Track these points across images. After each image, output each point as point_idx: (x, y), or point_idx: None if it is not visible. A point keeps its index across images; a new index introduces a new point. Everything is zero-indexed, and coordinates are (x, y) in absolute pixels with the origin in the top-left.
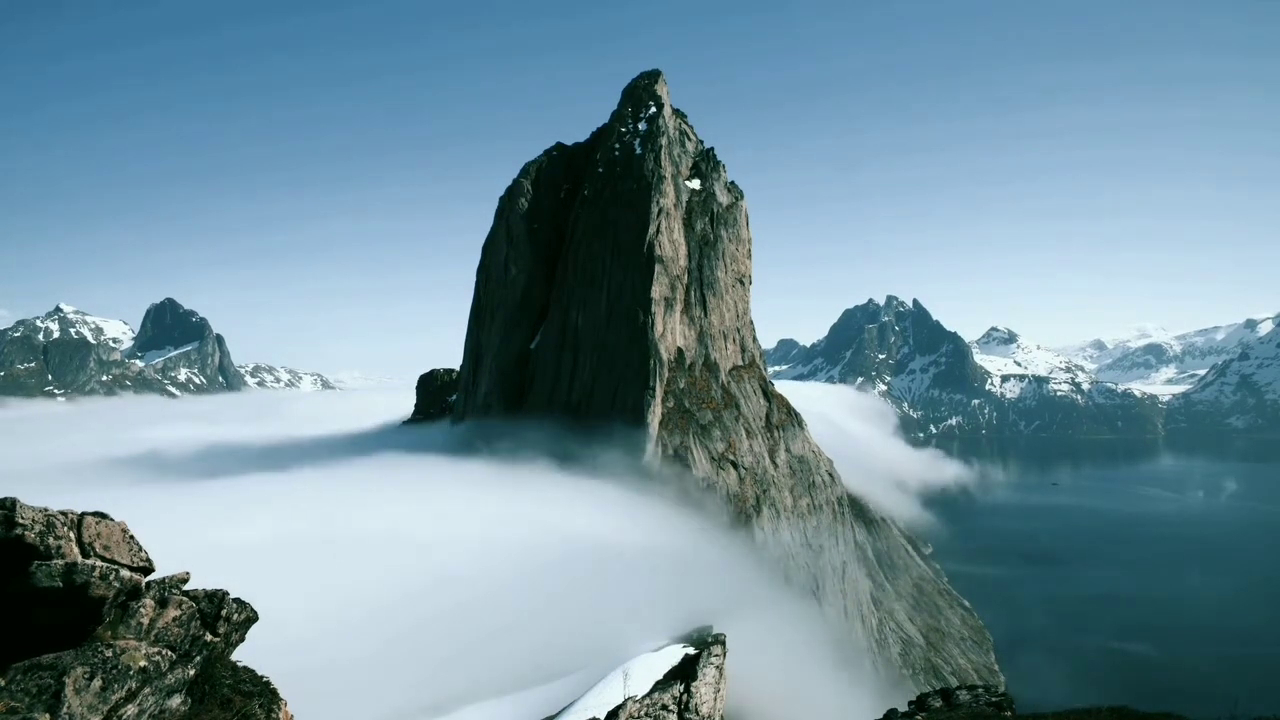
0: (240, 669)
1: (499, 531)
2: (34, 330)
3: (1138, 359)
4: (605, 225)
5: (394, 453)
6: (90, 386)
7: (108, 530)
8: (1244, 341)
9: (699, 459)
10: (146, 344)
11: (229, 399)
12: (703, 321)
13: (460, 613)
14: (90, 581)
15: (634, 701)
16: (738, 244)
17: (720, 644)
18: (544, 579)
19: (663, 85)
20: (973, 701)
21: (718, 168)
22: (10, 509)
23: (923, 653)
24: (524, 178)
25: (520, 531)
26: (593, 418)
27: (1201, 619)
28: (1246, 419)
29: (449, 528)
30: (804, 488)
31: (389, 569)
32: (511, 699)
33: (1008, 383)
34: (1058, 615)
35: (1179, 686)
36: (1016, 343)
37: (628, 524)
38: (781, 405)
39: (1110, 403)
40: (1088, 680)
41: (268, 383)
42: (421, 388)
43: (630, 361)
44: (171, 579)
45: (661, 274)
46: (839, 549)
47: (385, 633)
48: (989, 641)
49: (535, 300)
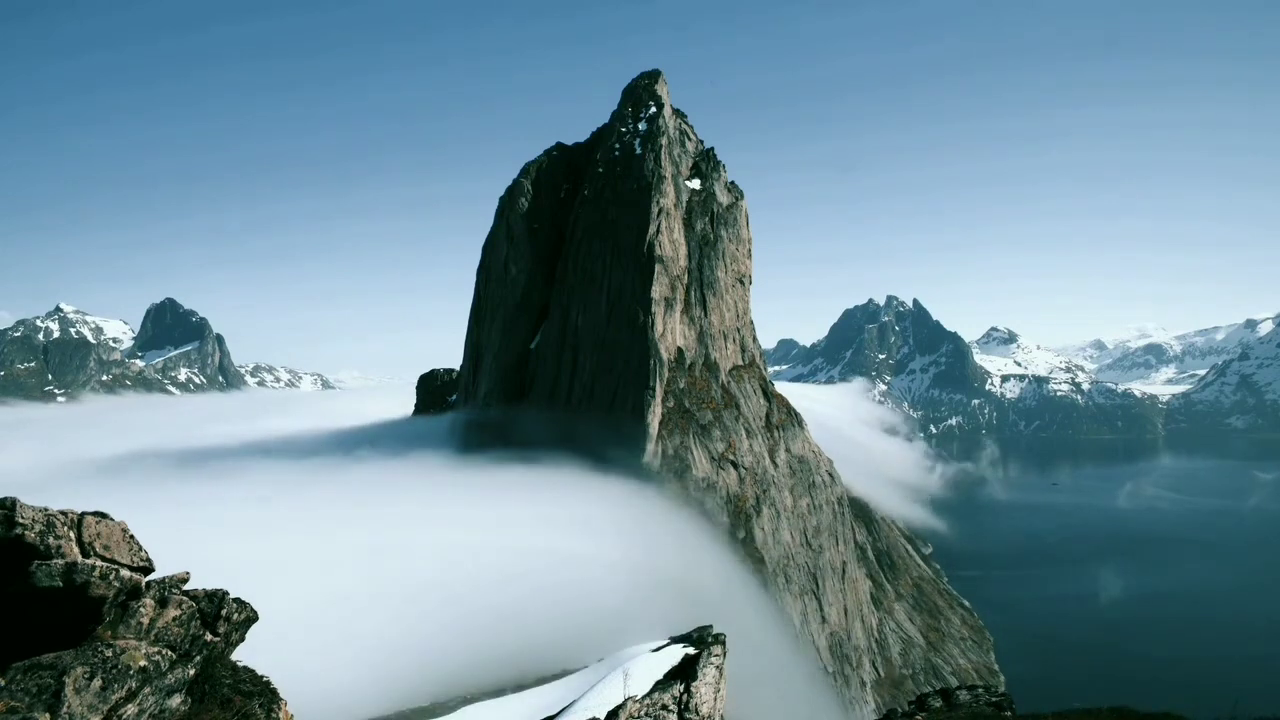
0: (240, 669)
1: (498, 532)
2: (34, 330)
3: (1138, 359)
4: (605, 225)
5: (394, 453)
6: (90, 386)
7: (108, 530)
8: (1244, 341)
9: (699, 459)
10: (146, 344)
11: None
12: (703, 321)
13: (460, 613)
14: (90, 581)
15: (634, 701)
16: (738, 244)
17: (720, 644)
18: (544, 579)
19: (663, 85)
20: (973, 701)
21: (718, 168)
22: (10, 509)
23: (923, 653)
24: (524, 177)
25: (520, 532)
26: (592, 417)
27: (1202, 619)
28: (1246, 419)
29: (448, 528)
30: (804, 488)
31: (389, 570)
32: (511, 699)
33: (1008, 383)
34: (1058, 615)
35: (1179, 686)
36: (1016, 343)
37: (628, 524)
38: (781, 405)
39: (1110, 403)
40: (1088, 680)
41: (268, 383)
42: (421, 387)
43: (630, 361)
44: (171, 579)
45: (661, 274)
46: (839, 549)
47: (384, 633)
48: (989, 641)
49: (535, 300)
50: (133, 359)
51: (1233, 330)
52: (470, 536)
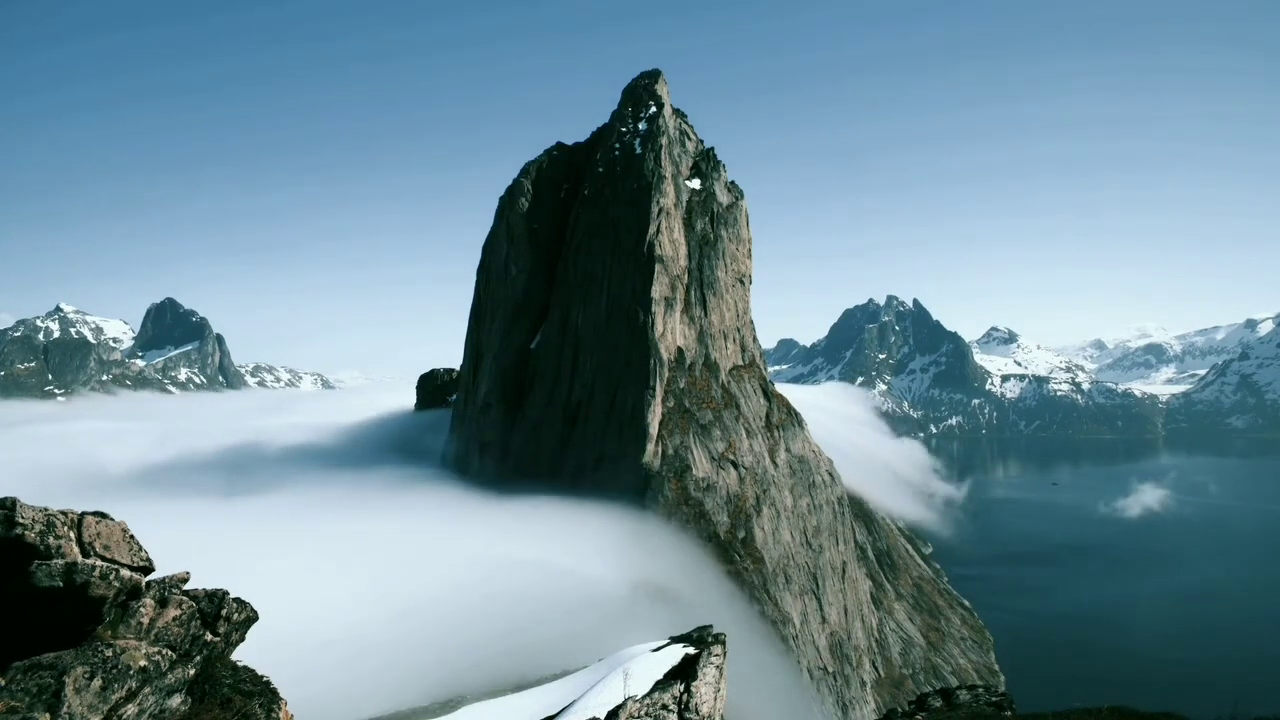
0: (240, 669)
1: (498, 534)
2: (34, 330)
3: (1138, 359)
4: (605, 225)
5: (394, 455)
6: (90, 386)
7: (108, 530)
8: (1244, 341)
9: (699, 459)
10: (147, 343)
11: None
12: (703, 321)
13: (460, 614)
14: (90, 581)
15: (634, 701)
16: (738, 244)
17: (720, 644)
18: (544, 579)
19: (663, 85)
20: (973, 701)
21: (718, 167)
22: (10, 509)
23: (923, 653)
24: (524, 177)
25: (519, 533)
26: (592, 418)
27: (1202, 618)
28: (1246, 419)
29: (449, 530)
30: (804, 488)
31: (389, 570)
32: (511, 699)
33: (1008, 382)
34: (1058, 615)
35: (1179, 686)
36: (1016, 343)
37: (628, 524)
38: (781, 405)
39: (1110, 403)
40: (1088, 680)
41: (268, 382)
42: (421, 387)
43: (630, 361)
44: (172, 579)
45: (661, 274)
46: (839, 549)
47: (385, 634)
48: (989, 641)
49: (535, 300)
50: (133, 359)
51: (1233, 330)
52: (470, 540)
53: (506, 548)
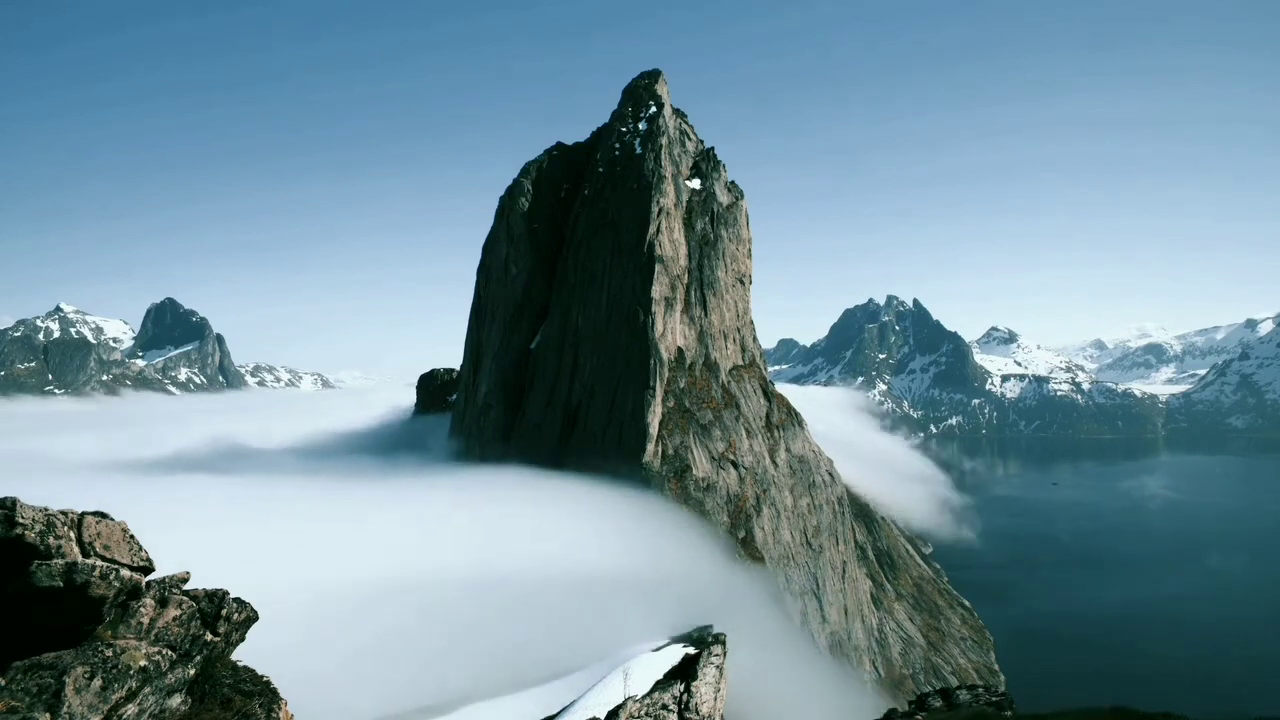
0: (240, 669)
1: (499, 534)
2: (34, 330)
3: (1138, 359)
4: (605, 225)
5: (394, 455)
6: (90, 386)
7: (108, 530)
8: (1244, 341)
9: (699, 459)
10: (147, 343)
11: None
12: (703, 321)
13: (460, 614)
14: (90, 581)
15: (634, 701)
16: (738, 244)
17: (720, 644)
18: (544, 580)
19: (663, 85)
20: (973, 701)
21: (718, 167)
22: (10, 508)
23: (923, 653)
24: (524, 177)
25: (520, 533)
26: (592, 418)
27: (1202, 618)
28: (1247, 419)
29: (449, 530)
30: (804, 487)
31: (390, 571)
32: (511, 699)
33: (1008, 382)
34: (1058, 615)
35: (1179, 686)
36: (1016, 342)
37: (628, 524)
38: (781, 405)
39: (1110, 402)
40: (1088, 680)
41: (268, 382)
42: (422, 387)
43: (630, 361)
44: (172, 579)
45: (662, 274)
46: (839, 549)
47: (386, 634)
48: (989, 641)
49: (535, 300)
50: (133, 359)
51: (1233, 330)
52: (471, 540)
53: (506, 543)
